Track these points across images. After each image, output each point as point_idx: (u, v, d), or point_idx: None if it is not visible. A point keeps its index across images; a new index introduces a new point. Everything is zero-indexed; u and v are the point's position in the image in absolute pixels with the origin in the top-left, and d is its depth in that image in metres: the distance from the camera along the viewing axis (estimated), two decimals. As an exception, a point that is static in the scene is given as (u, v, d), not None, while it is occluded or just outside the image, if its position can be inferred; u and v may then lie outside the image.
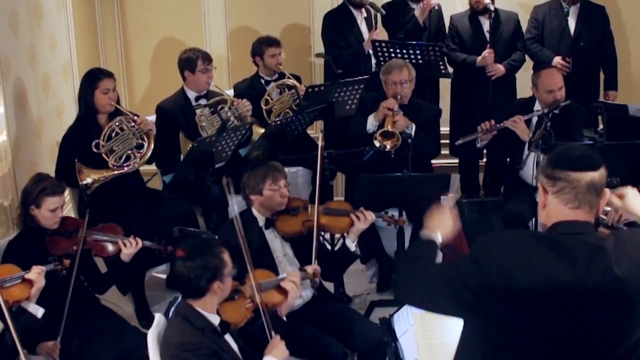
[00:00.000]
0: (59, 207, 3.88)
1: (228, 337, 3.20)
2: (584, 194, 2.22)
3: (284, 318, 3.58)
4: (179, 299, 3.19)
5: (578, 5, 5.96)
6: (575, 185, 2.22)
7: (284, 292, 3.63)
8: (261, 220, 4.02)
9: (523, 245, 2.21)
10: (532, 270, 2.15)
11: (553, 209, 2.27)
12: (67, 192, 3.99)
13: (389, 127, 4.95)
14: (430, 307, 2.44)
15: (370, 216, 4.09)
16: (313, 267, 3.88)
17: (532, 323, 2.18)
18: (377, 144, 4.92)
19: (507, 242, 2.24)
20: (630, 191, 2.61)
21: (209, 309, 3.11)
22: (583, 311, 2.15)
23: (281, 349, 3.26)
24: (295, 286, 3.63)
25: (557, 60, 5.87)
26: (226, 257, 3.14)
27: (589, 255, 2.16)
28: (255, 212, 4.04)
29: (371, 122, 5.16)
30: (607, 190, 2.28)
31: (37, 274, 3.51)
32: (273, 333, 3.33)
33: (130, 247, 3.95)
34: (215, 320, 3.13)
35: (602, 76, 6.20)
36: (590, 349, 2.19)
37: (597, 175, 2.23)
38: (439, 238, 2.58)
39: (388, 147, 4.93)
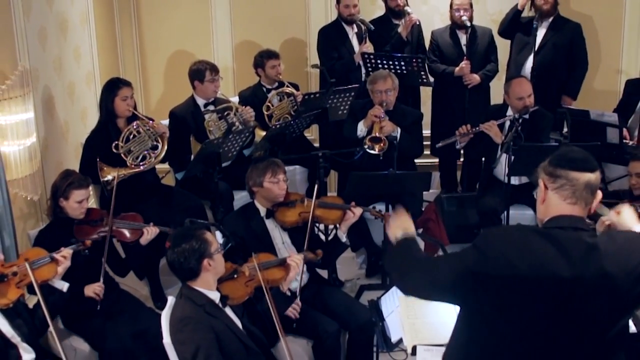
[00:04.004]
0: (85, 199, 3.89)
1: (230, 312, 3.20)
2: (581, 191, 2.21)
3: (288, 292, 3.56)
4: None
5: (550, 20, 5.93)
6: (574, 183, 2.21)
7: (284, 269, 3.63)
8: (262, 211, 4.04)
9: (525, 240, 2.18)
10: (532, 262, 2.13)
11: (552, 203, 2.26)
12: (90, 187, 3.99)
13: (377, 132, 4.96)
14: (437, 298, 2.37)
15: (359, 211, 4.11)
16: (317, 251, 3.90)
17: (529, 310, 2.16)
18: (366, 147, 4.94)
19: (511, 237, 2.22)
20: (626, 209, 2.57)
21: (207, 287, 3.12)
22: (576, 302, 2.13)
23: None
24: (296, 264, 3.62)
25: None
26: (208, 236, 3.12)
27: (584, 252, 2.14)
28: (257, 203, 4.06)
29: (361, 128, 5.16)
30: (599, 192, 2.27)
31: (63, 256, 3.51)
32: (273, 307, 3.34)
33: (148, 234, 3.97)
34: (215, 296, 3.14)
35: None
36: (582, 335, 2.18)
37: (594, 176, 2.24)
38: (411, 233, 2.51)
39: (376, 150, 4.94)
